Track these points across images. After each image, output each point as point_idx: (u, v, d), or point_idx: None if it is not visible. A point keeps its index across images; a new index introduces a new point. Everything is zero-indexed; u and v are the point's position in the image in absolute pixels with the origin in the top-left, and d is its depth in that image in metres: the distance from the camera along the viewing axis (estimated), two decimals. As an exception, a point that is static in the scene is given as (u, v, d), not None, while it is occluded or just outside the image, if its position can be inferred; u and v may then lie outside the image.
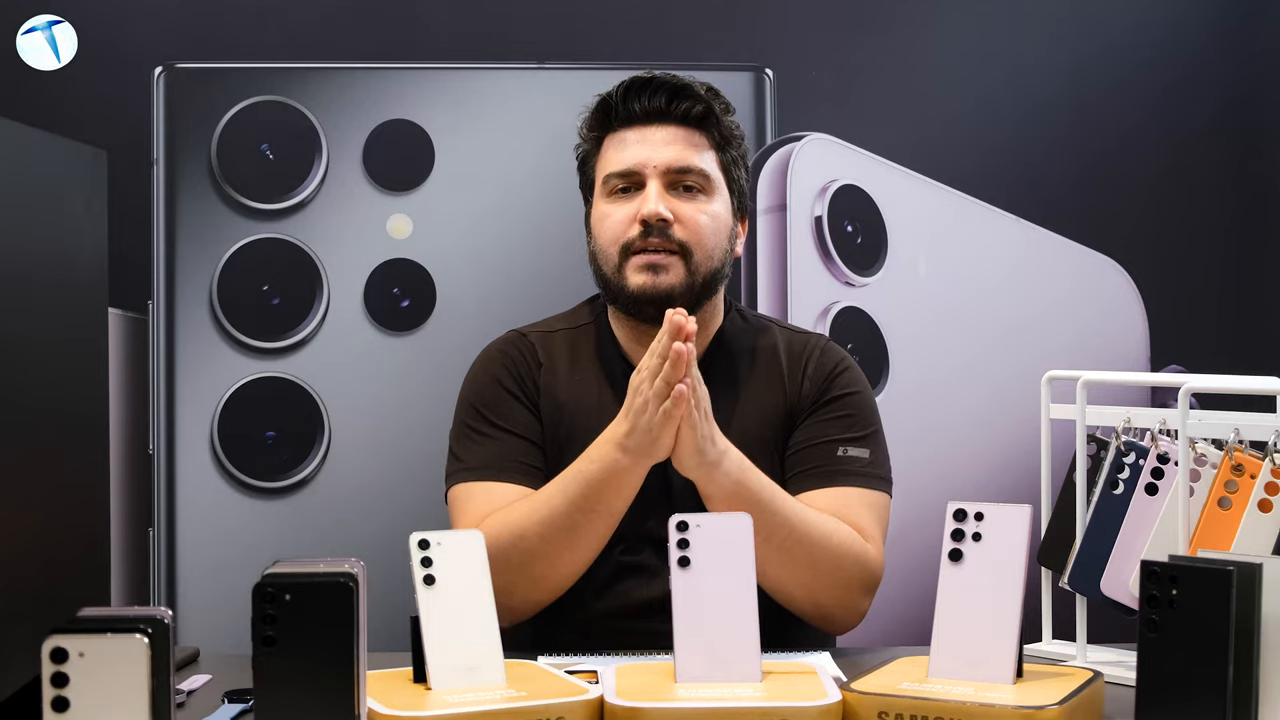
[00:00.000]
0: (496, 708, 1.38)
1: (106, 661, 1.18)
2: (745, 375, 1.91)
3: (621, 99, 1.91)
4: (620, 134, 1.91)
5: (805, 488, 1.86)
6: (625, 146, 1.90)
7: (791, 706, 1.38)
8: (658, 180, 1.87)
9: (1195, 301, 3.04)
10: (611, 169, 1.90)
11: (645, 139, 1.89)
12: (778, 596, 1.81)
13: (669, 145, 1.89)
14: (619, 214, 1.89)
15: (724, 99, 1.94)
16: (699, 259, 1.87)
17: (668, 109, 1.89)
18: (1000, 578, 1.47)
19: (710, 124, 1.91)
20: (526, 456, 1.88)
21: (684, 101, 1.89)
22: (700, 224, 1.87)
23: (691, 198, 1.88)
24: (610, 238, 1.89)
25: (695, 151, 1.89)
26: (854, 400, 1.92)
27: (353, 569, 1.32)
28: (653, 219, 1.85)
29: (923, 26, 3.00)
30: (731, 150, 1.93)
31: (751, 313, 2.02)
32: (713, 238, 1.88)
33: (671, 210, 1.87)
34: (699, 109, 1.89)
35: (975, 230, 2.99)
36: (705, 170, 1.89)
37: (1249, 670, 1.32)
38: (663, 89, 1.90)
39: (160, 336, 2.84)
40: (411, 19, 2.91)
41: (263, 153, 2.87)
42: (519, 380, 1.92)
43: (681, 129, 1.90)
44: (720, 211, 1.90)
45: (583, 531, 1.78)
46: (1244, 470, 1.59)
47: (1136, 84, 3.03)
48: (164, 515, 2.83)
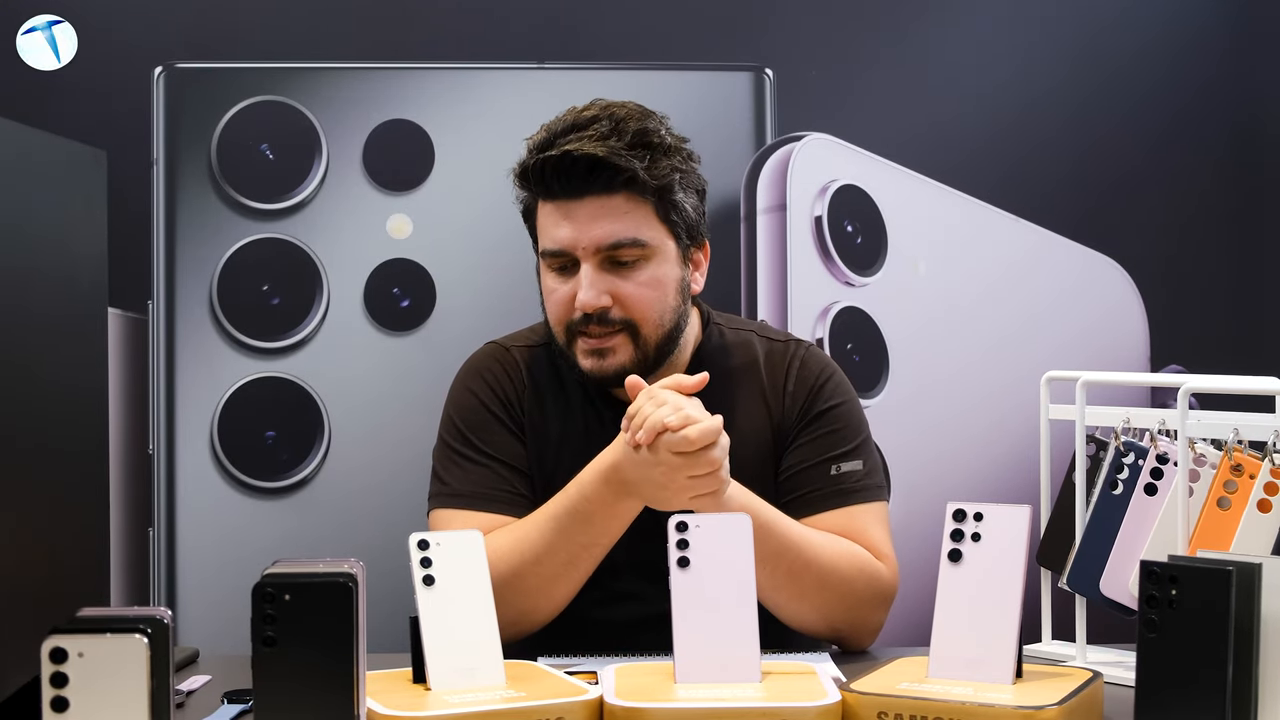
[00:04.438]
0: (496, 708, 1.38)
1: (106, 661, 1.19)
2: (729, 398, 1.85)
3: (540, 175, 1.79)
4: (547, 204, 1.81)
5: (806, 513, 1.84)
6: (554, 224, 1.80)
7: (791, 707, 1.38)
8: (590, 261, 1.78)
9: (1195, 301, 3.04)
10: (545, 245, 1.82)
11: (571, 215, 1.78)
12: (793, 623, 1.80)
13: (596, 222, 1.78)
14: (560, 293, 1.81)
15: (655, 134, 1.80)
16: (647, 332, 1.81)
17: (589, 183, 1.78)
18: (1000, 578, 1.47)
19: (639, 184, 1.78)
20: (511, 485, 1.85)
21: (604, 172, 1.77)
22: (642, 299, 1.80)
23: (630, 270, 1.79)
24: (555, 317, 1.83)
25: (626, 221, 1.78)
26: (840, 412, 1.89)
27: (353, 569, 1.32)
28: (588, 309, 1.78)
29: (922, 26, 3.00)
30: (672, 195, 1.80)
31: (730, 324, 1.96)
32: (658, 305, 1.81)
33: (609, 291, 1.78)
34: (623, 177, 1.77)
35: (975, 230, 2.99)
36: (639, 239, 1.79)
37: (1248, 670, 1.32)
38: (579, 164, 1.76)
39: (160, 336, 2.84)
40: (411, 19, 2.91)
41: (263, 153, 2.87)
42: (504, 403, 1.88)
43: (608, 197, 1.78)
44: (664, 274, 1.81)
45: (578, 564, 1.76)
46: (1243, 470, 1.59)
47: (1136, 84, 3.03)
48: (164, 515, 2.83)
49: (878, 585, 1.81)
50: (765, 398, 1.89)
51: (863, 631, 1.82)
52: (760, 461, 1.87)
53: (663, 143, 1.81)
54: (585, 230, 1.79)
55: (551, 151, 1.78)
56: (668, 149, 1.81)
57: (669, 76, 2.86)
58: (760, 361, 1.91)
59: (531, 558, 1.75)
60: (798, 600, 1.78)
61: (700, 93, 2.85)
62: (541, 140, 1.81)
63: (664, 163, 1.80)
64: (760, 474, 1.86)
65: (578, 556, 1.75)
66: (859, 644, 1.83)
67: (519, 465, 1.86)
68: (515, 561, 1.75)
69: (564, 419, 1.88)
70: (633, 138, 1.79)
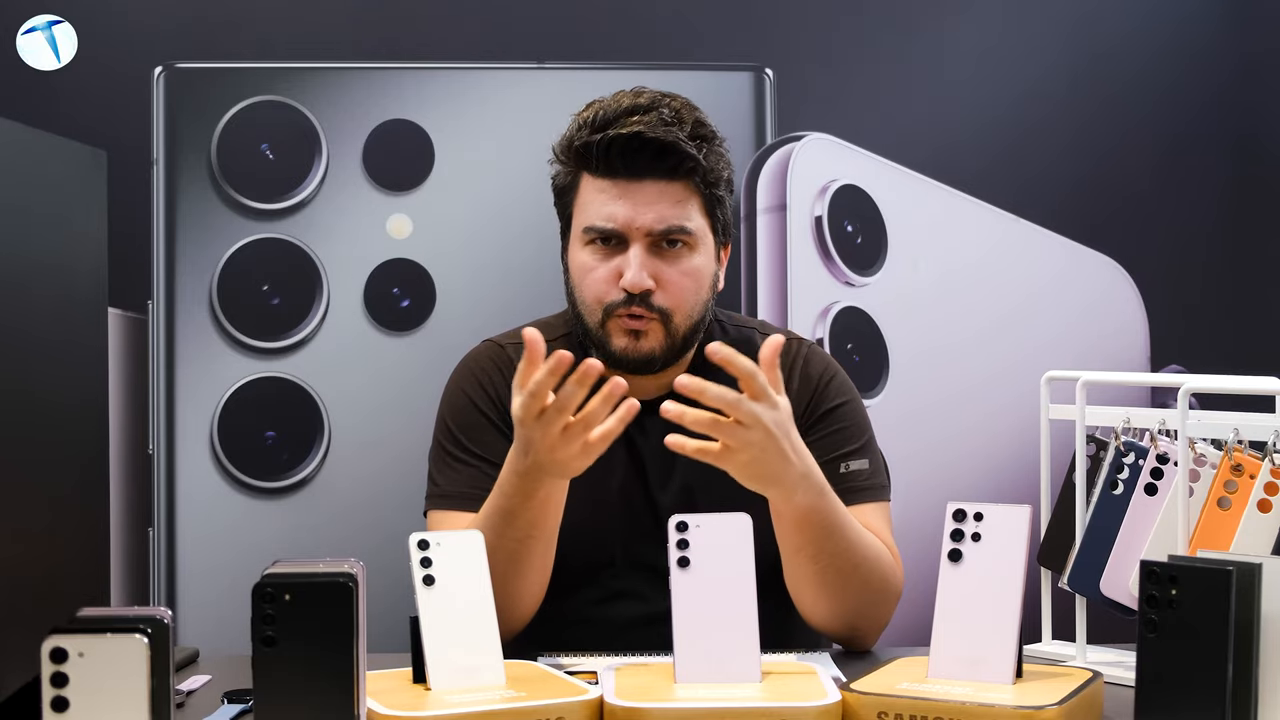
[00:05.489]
0: (496, 708, 1.38)
1: (106, 661, 1.19)
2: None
3: (604, 151, 1.78)
4: (599, 181, 1.81)
5: None
6: (606, 200, 1.80)
7: (791, 707, 1.38)
8: (640, 243, 1.79)
9: (1195, 301, 3.04)
10: (592, 222, 1.81)
11: (627, 195, 1.79)
12: (812, 618, 1.79)
13: (653, 205, 1.78)
14: (601, 271, 1.81)
15: (708, 128, 1.82)
16: (679, 321, 1.81)
17: (654, 166, 1.78)
18: (1000, 578, 1.47)
19: (698, 174, 1.80)
20: None
21: (670, 157, 1.78)
22: (683, 288, 1.80)
23: (675, 256, 1.80)
24: (593, 295, 1.82)
25: (680, 209, 1.79)
26: (845, 411, 1.90)
27: (353, 569, 1.32)
28: (636, 290, 1.78)
29: (923, 26, 3.00)
30: (717, 190, 1.83)
31: (732, 320, 1.97)
32: (694, 297, 1.82)
33: (654, 275, 1.79)
34: (688, 165, 1.79)
35: (975, 230, 2.99)
36: (689, 227, 1.80)
37: (1248, 670, 1.32)
38: (648, 147, 1.77)
39: (160, 336, 2.84)
40: (411, 19, 2.91)
41: (263, 153, 2.87)
42: (494, 402, 1.87)
43: (667, 184, 1.79)
44: (702, 265, 1.82)
45: (523, 558, 1.72)
46: (1243, 470, 1.59)
47: (1137, 83, 3.03)
48: (164, 515, 2.83)
49: (894, 584, 1.82)
50: None
51: (874, 629, 1.82)
52: None
53: (714, 136, 1.84)
54: (643, 212, 1.78)
55: (620, 130, 1.78)
56: (717, 144, 1.84)
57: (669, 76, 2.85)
58: None
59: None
60: (830, 597, 1.76)
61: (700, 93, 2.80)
62: (600, 118, 1.80)
63: (715, 157, 1.82)
64: None
65: (519, 551, 1.72)
66: (866, 642, 1.82)
67: None
68: None
69: None
70: (692, 128, 1.80)
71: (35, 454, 1.45)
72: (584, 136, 1.81)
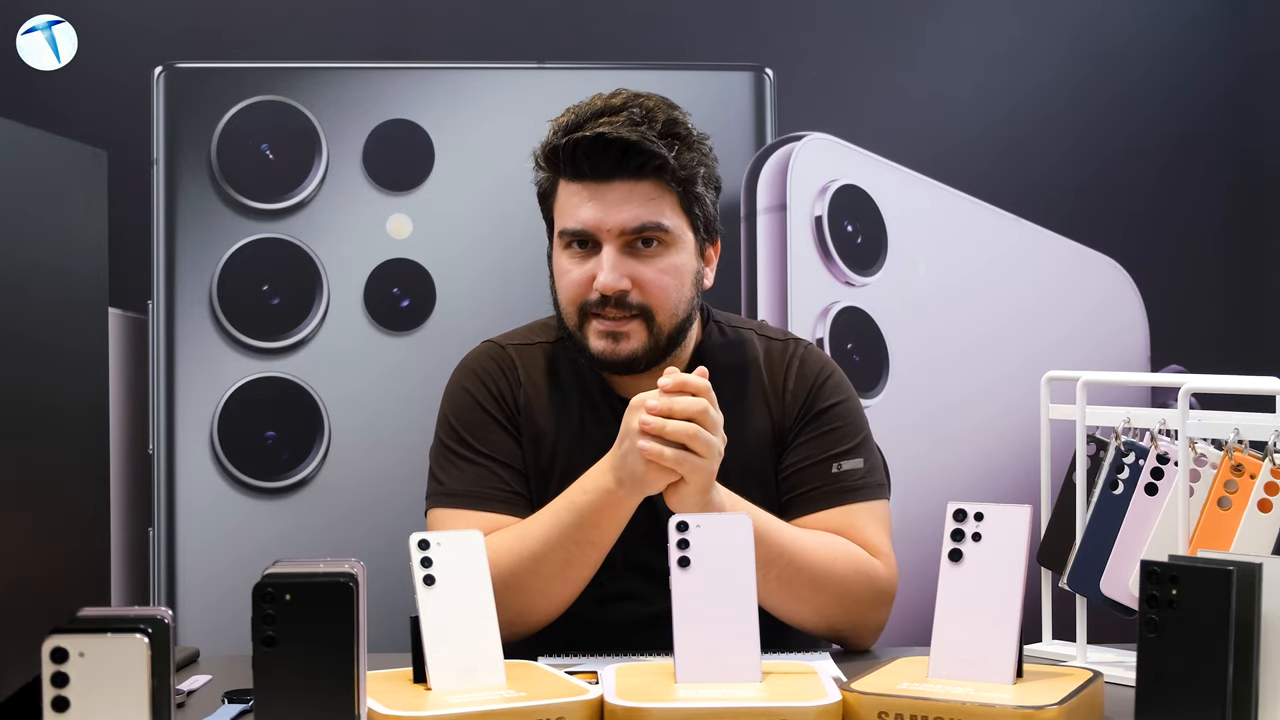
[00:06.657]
0: (496, 708, 1.38)
1: (106, 661, 1.19)
2: (730, 397, 1.83)
3: (571, 154, 1.79)
4: (572, 185, 1.81)
5: (806, 511, 1.84)
6: (578, 203, 1.80)
7: (791, 707, 1.38)
8: (613, 244, 1.79)
9: (1195, 301, 3.04)
10: (565, 225, 1.82)
11: (598, 196, 1.79)
12: (794, 624, 1.80)
13: (623, 205, 1.79)
14: (576, 273, 1.81)
15: (682, 125, 1.82)
16: (661, 319, 1.81)
17: (620, 166, 1.79)
18: (1000, 578, 1.47)
19: (668, 172, 1.80)
20: (507, 484, 1.85)
21: (635, 157, 1.78)
22: (661, 285, 1.80)
23: (651, 255, 1.80)
24: (568, 297, 1.83)
25: (652, 207, 1.79)
26: (840, 410, 1.90)
27: (353, 569, 1.32)
28: (609, 291, 1.78)
29: (922, 27, 3.00)
30: (694, 187, 1.82)
31: (729, 322, 1.96)
32: (675, 294, 1.82)
33: (629, 275, 1.79)
34: (654, 163, 1.79)
35: (975, 230, 3.00)
36: (663, 224, 1.80)
37: (1249, 670, 1.32)
38: (612, 147, 1.77)
39: (160, 336, 2.84)
40: (411, 19, 2.91)
41: (263, 153, 2.87)
42: (499, 401, 1.88)
43: (637, 183, 1.79)
44: (682, 262, 1.82)
45: (576, 563, 1.76)
46: (1244, 470, 1.59)
47: (1136, 84, 3.03)
48: (164, 515, 2.83)
49: (875, 584, 1.81)
50: (765, 396, 1.90)
51: (863, 631, 1.82)
52: (760, 460, 1.87)
53: (689, 134, 1.83)
54: (612, 212, 1.79)
55: (584, 132, 1.79)
56: (693, 142, 1.83)
57: (669, 76, 2.86)
58: (760, 360, 1.92)
59: (529, 557, 1.75)
60: (795, 603, 1.78)
61: (700, 93, 2.85)
62: (571, 122, 1.82)
63: (690, 154, 1.82)
64: (760, 472, 1.86)
65: (574, 556, 1.75)
66: (861, 643, 1.83)
67: (515, 464, 1.86)
68: (514, 561, 1.75)
69: (560, 417, 1.88)
70: (663, 127, 1.80)
71: (35, 454, 1.45)
72: (556, 141, 1.82)
